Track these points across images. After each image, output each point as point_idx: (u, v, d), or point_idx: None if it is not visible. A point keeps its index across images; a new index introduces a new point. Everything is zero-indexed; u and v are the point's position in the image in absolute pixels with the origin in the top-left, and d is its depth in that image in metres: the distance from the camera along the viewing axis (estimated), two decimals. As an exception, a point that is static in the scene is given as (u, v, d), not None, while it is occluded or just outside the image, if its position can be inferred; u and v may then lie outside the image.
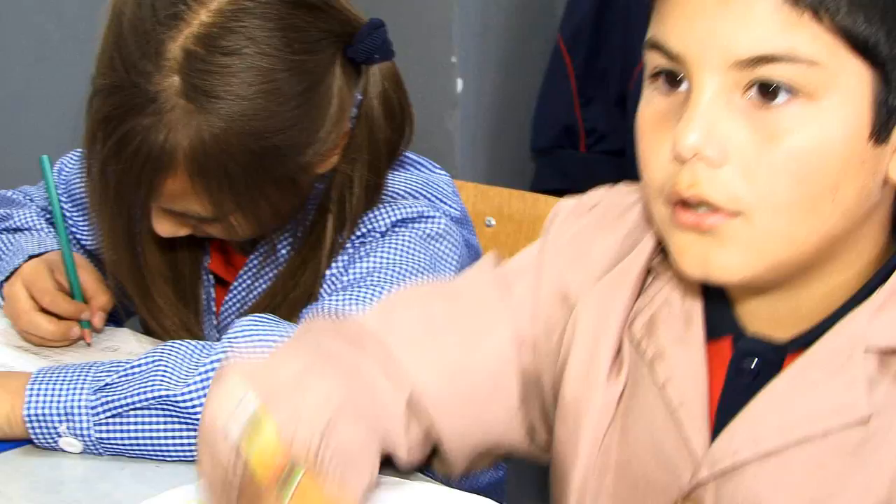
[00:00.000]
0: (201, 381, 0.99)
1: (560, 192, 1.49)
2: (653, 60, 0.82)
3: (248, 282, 1.23)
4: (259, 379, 0.87)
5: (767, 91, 0.76)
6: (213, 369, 1.00)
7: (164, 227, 1.13)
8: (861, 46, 0.75)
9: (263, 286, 1.22)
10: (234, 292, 1.24)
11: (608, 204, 0.99)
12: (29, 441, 1.02)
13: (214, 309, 1.28)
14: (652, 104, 0.82)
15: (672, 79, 0.80)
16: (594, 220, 0.98)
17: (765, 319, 0.86)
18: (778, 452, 0.83)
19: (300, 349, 0.93)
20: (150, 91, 1.04)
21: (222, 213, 1.11)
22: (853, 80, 0.76)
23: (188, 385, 0.99)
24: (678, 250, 0.83)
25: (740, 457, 0.84)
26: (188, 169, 1.06)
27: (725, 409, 0.87)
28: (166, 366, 1.02)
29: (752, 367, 0.87)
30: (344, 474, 0.85)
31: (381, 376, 0.92)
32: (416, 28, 2.25)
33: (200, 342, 1.07)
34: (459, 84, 2.24)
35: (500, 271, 1.01)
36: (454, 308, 0.99)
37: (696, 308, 0.88)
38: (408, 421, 0.93)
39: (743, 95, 0.77)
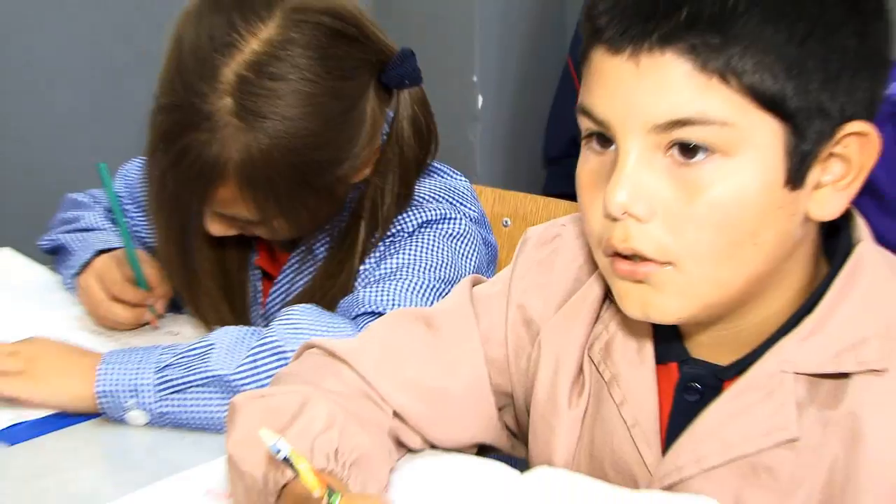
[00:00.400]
0: (250, 361, 1.06)
1: (569, 196, 1.44)
2: (584, 124, 0.83)
3: (291, 276, 1.27)
4: (270, 417, 0.90)
5: (687, 149, 0.77)
6: (259, 351, 1.06)
7: (216, 228, 1.17)
8: (769, 103, 0.76)
9: (304, 280, 1.25)
10: (279, 286, 1.28)
11: (568, 234, 1.00)
12: (98, 415, 1.08)
13: (261, 300, 1.31)
14: (588, 162, 0.83)
15: (603, 139, 0.81)
16: (555, 250, 1.00)
17: (707, 346, 0.87)
18: (718, 468, 0.85)
19: (296, 387, 0.95)
20: (206, 110, 1.07)
21: (266, 217, 1.14)
22: (765, 134, 0.77)
23: (239, 365, 1.05)
24: (619, 295, 0.85)
25: (685, 473, 0.86)
26: (237, 179, 1.09)
27: (675, 425, 0.89)
28: (220, 348, 1.08)
29: (697, 389, 0.88)
30: (366, 469, 0.88)
31: (368, 401, 0.94)
32: (443, 50, 2.30)
33: (249, 328, 1.12)
34: (480, 100, 2.34)
35: (476, 296, 1.03)
36: (435, 337, 1.00)
37: (646, 335, 0.89)
38: (400, 432, 0.95)
39: (665, 154, 0.78)
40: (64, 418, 1.09)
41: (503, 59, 2.39)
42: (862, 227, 0.87)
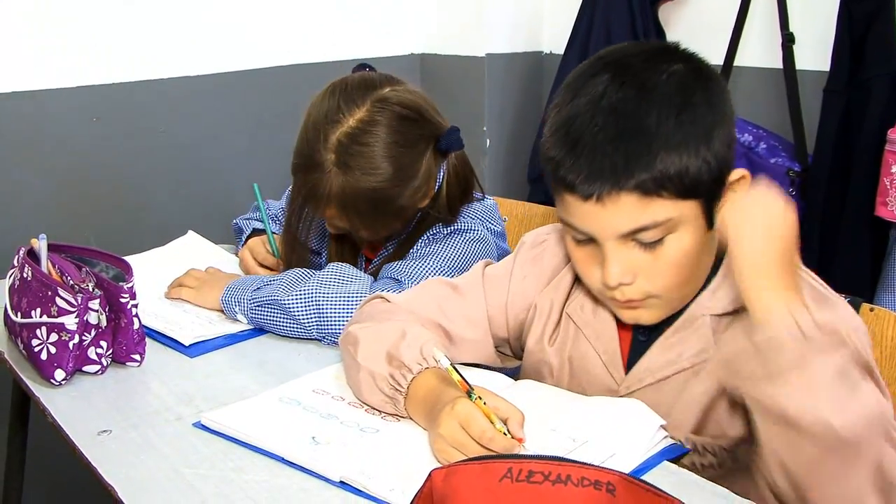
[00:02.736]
0: (298, 295, 1.22)
1: (545, 203, 1.68)
2: (570, 230, 0.89)
3: (380, 260, 1.44)
4: (382, 338, 0.97)
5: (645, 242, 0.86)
6: (305, 293, 1.21)
7: (332, 229, 1.37)
8: (691, 195, 0.85)
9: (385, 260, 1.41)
10: (372, 265, 1.46)
11: (551, 241, 1.08)
12: (249, 337, 1.26)
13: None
14: (581, 249, 0.92)
15: (588, 237, 0.90)
16: (543, 250, 1.08)
17: None
18: (666, 379, 0.95)
19: (388, 322, 1.02)
20: (319, 161, 1.24)
21: (356, 228, 1.32)
22: (692, 211, 0.86)
23: (291, 296, 1.23)
24: (617, 312, 0.95)
25: (644, 383, 0.95)
26: (336, 204, 1.27)
27: (633, 355, 0.98)
28: (283, 283, 1.26)
29: (646, 331, 0.97)
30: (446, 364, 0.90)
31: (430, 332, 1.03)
32: (465, 110, 2.45)
33: (307, 270, 1.29)
34: (487, 143, 2.54)
35: (487, 274, 1.11)
36: (460, 299, 1.09)
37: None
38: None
39: (634, 243, 0.87)
40: (228, 338, 1.25)
41: (503, 117, 2.55)
42: None
